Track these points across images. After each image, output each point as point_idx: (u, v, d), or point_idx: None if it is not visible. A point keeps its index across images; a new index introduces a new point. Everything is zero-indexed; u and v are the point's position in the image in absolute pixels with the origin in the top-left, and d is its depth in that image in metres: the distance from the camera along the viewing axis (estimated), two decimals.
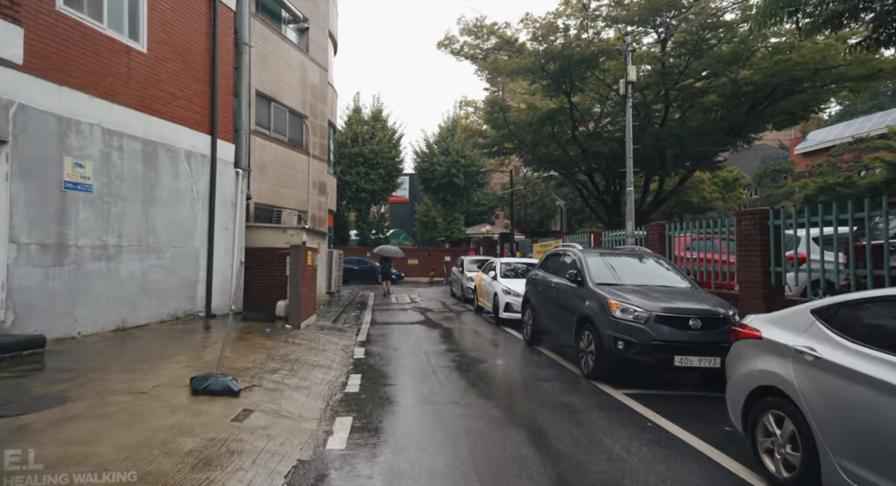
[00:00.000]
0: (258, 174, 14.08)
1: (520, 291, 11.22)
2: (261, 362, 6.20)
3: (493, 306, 12.15)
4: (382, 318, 12.83)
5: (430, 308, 15.17)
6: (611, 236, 12.49)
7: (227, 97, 10.00)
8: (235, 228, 10.20)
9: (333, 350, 7.88)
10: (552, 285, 8.08)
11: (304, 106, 16.59)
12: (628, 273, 7.27)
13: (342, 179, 30.65)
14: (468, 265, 17.79)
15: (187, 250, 8.86)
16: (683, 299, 6.34)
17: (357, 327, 11.02)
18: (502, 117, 19.31)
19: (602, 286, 6.80)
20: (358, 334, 9.88)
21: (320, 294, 14.14)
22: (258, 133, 14.16)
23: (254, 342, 7.26)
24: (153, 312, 8.05)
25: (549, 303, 8.16)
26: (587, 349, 6.53)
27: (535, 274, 9.13)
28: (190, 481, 3.08)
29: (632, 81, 10.47)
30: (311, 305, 10.24)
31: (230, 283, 9.90)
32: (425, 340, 9.45)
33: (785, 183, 35.56)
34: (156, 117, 8.10)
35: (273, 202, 14.78)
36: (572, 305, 7.17)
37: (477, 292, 14.17)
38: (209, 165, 9.34)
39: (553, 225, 44.10)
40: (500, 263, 13.04)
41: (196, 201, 9.06)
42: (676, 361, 5.72)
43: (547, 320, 8.25)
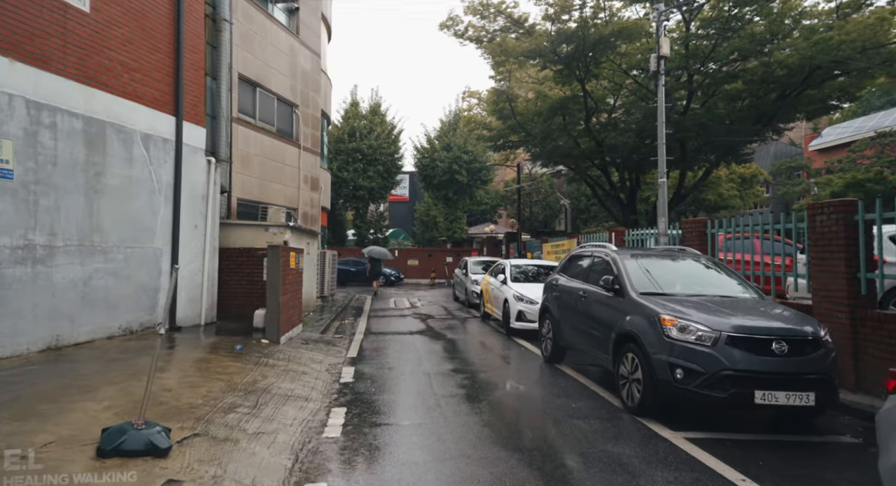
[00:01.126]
0: (242, 167, 12.73)
1: (534, 297, 9.87)
2: (216, 395, 4.84)
3: (502, 314, 10.79)
4: (379, 326, 11.47)
5: (432, 314, 13.81)
6: (634, 236, 11.12)
7: (197, 74, 8.64)
8: (207, 225, 8.86)
9: (316, 372, 6.51)
10: (579, 293, 6.72)
11: (293, 93, 15.23)
12: (677, 280, 5.90)
13: (339, 176, 29.31)
14: (472, 267, 16.43)
15: (145, 251, 7.50)
16: (758, 315, 4.97)
17: (349, 338, 9.66)
18: (509, 108, 17.92)
19: (648, 297, 5.43)
20: (349, 349, 8.52)
21: (310, 300, 12.79)
22: (242, 121, 12.80)
23: (215, 365, 5.89)
24: (99, 325, 6.68)
25: (575, 314, 6.79)
26: (631, 376, 5.16)
27: (556, 280, 7.76)
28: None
29: (664, 56, 9.12)
30: (295, 314, 8.88)
31: (200, 290, 8.55)
32: (426, 355, 8.09)
33: (800, 180, 34.23)
34: (102, 91, 6.73)
35: (259, 198, 13.43)
36: (608, 319, 5.81)
37: (484, 297, 12.81)
38: (173, 150, 7.97)
39: (557, 225, 42.76)
40: (510, 265, 11.67)
41: (156, 193, 7.70)
42: (758, 397, 4.35)
43: (572, 335, 6.88)
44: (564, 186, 39.88)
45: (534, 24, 15.29)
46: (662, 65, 9.19)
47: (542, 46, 14.20)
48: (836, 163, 27.49)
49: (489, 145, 20.28)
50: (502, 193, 37.14)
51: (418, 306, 15.94)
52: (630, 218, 17.54)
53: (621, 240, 11.33)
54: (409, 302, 17.27)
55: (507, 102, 17.92)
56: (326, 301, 15.75)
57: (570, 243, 14.51)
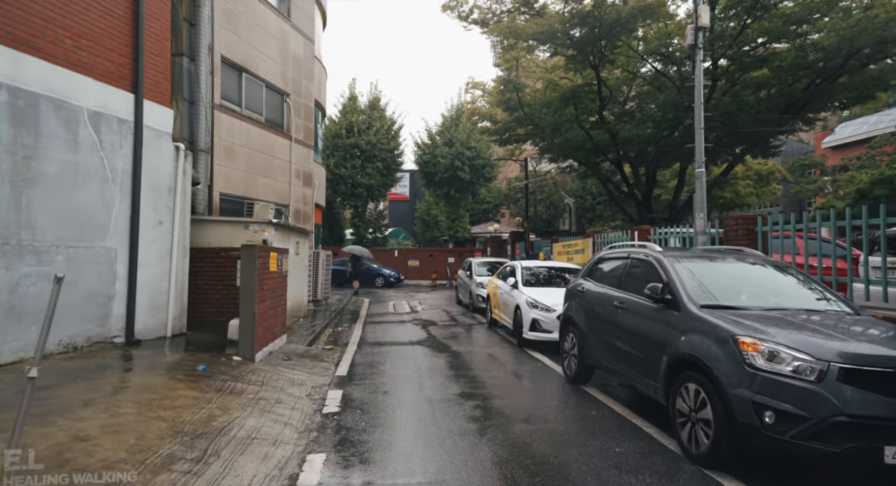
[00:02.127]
0: (226, 159, 11.57)
1: (549, 304, 8.70)
2: (151, 443, 3.65)
3: (513, 322, 9.61)
4: (375, 335, 10.29)
5: (434, 321, 12.62)
6: (660, 235, 9.93)
7: (162, 46, 7.45)
8: (175, 221, 7.68)
9: (294, 400, 5.33)
10: (613, 302, 5.53)
11: (284, 81, 14.06)
12: (743, 288, 4.72)
13: (336, 173, 28.14)
14: (477, 269, 15.24)
15: (94, 251, 6.32)
16: (872, 338, 3.78)
17: (340, 350, 8.49)
18: (516, 98, 16.73)
19: (712, 310, 4.25)
20: (338, 365, 7.34)
21: (300, 305, 11.61)
22: (226, 109, 11.64)
23: (162, 396, 4.70)
24: (30, 341, 5.49)
25: (608, 328, 5.61)
26: (695, 415, 3.98)
27: (581, 286, 6.58)
28: None
29: (703, 27, 7.94)
30: (277, 323, 7.71)
31: (166, 296, 7.37)
32: (428, 373, 6.90)
33: (815, 178, 33.05)
34: (36, 57, 5.55)
35: (245, 193, 12.26)
36: (657, 336, 4.62)
37: (491, 302, 11.62)
38: (131, 134, 6.79)
39: (562, 224, 41.59)
40: (521, 267, 10.48)
41: (110, 183, 6.52)
42: (888, 454, 3.16)
43: (604, 353, 5.69)
44: (569, 185, 38.73)
45: (545, 5, 14.11)
46: (701, 37, 8.01)
47: (554, 28, 13.01)
48: (854, 160, 26.36)
49: (494, 139, 19.08)
50: (504, 191, 35.97)
51: (419, 311, 14.76)
52: (646, 216, 16.36)
53: (645, 239, 10.14)
54: (410, 306, 16.09)
55: (513, 92, 16.73)
56: (319, 306, 14.58)
57: (583, 243, 13.32)
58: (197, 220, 8.61)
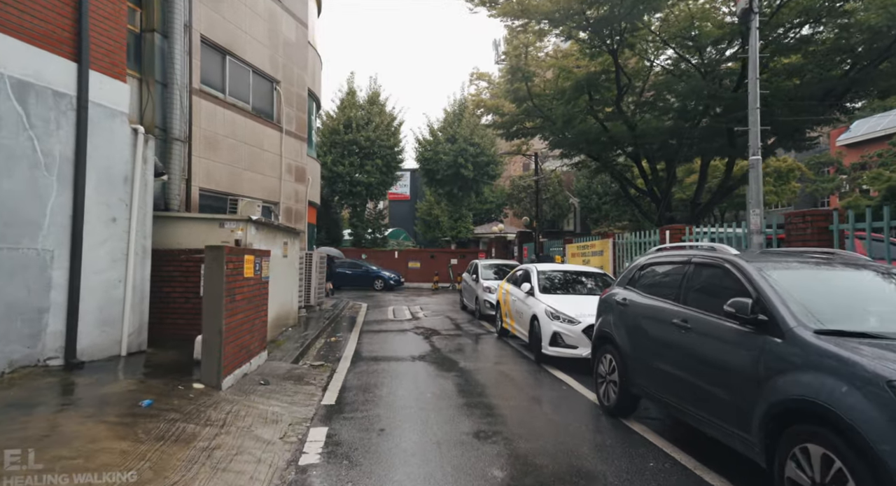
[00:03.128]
0: (206, 150, 10.38)
1: (573, 314, 7.50)
2: None
3: (529, 335, 8.41)
4: (371, 347, 9.09)
5: (437, 330, 11.42)
6: (697, 235, 8.72)
7: (116, 8, 6.23)
8: (133, 218, 6.46)
9: (263, 446, 4.11)
10: (672, 319, 4.31)
11: (274, 66, 12.86)
12: (871, 307, 3.50)
13: (333, 171, 26.95)
14: (484, 272, 14.03)
15: (21, 254, 5.11)
16: None
17: (330, 368, 7.29)
18: (525, 88, 15.52)
19: (836, 339, 3.03)
20: (326, 389, 6.13)
21: (288, 313, 10.41)
22: (206, 95, 10.45)
23: (76, 452, 3.46)
24: None
25: (663, 351, 4.40)
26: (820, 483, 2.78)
27: (620, 296, 5.38)
28: None
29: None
30: (255, 339, 6.51)
31: (121, 306, 6.17)
32: (434, 401, 5.68)
33: (832, 176, 31.87)
34: None
35: (229, 189, 11.07)
36: (745, 370, 3.41)
37: (501, 309, 10.42)
38: (73, 111, 5.58)
39: (566, 224, 40.42)
40: (537, 271, 9.26)
41: (43, 170, 5.31)
42: None
43: (658, 383, 4.48)
44: (574, 184, 37.53)
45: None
46: (756, 0, 6.81)
47: (570, 7, 11.80)
48: (875, 157, 25.21)
49: (500, 133, 17.86)
50: (507, 191, 34.76)
51: (421, 318, 13.55)
52: (665, 215, 15.14)
53: (679, 239, 8.93)
54: (410, 311, 14.88)
55: (522, 82, 15.52)
56: (313, 312, 13.37)
57: (601, 244, 12.10)
58: (163, 217, 7.42)
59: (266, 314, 7.17)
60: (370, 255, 26.82)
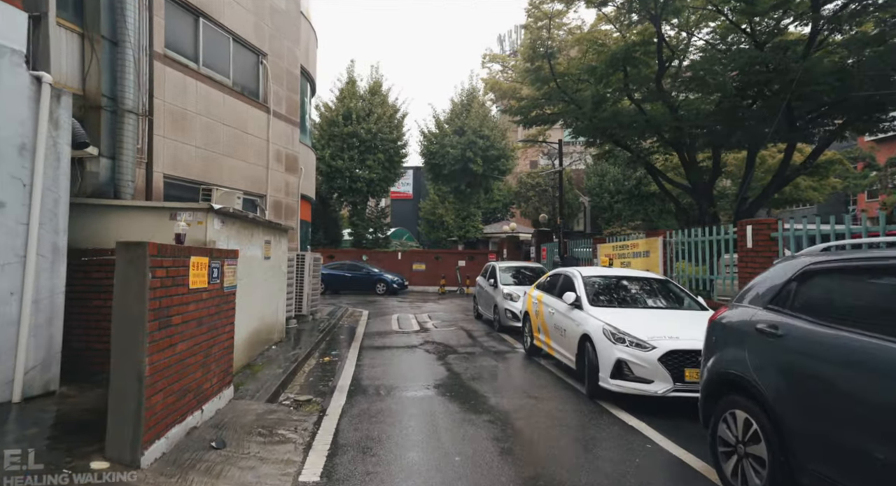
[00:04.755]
0: (172, 129, 8.51)
1: (645, 337, 5.61)
2: None
3: (576, 360, 6.51)
4: (374, 373, 7.19)
5: (451, 345, 9.53)
6: (795, 231, 6.80)
7: None
8: (33, 204, 4.59)
9: None
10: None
11: (259, 36, 10.99)
12: None
13: (332, 166, 25.07)
14: (503, 276, 12.14)
15: None
16: None
17: (319, 408, 5.41)
18: (547, 67, 13.63)
19: None
20: (309, 451, 4.24)
21: (272, 327, 8.53)
22: (173, 62, 8.57)
23: None
24: None
25: (889, 428, 2.50)
26: None
27: (764, 321, 3.46)
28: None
29: None
30: (212, 375, 4.64)
31: (15, 328, 4.29)
32: (468, 478, 3.77)
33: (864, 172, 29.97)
34: None
35: (202, 177, 9.18)
36: None
37: (532, 323, 8.51)
38: None
39: (576, 224, 38.56)
40: (582, 277, 7.35)
41: None
42: None
43: (870, 480, 2.58)
44: (584, 183, 35.65)
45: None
46: None
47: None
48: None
49: (518, 120, 15.95)
50: (515, 189, 32.85)
51: (430, 329, 11.65)
52: (708, 211, 13.24)
53: (767, 236, 7.03)
54: (418, 321, 12.98)
55: (545, 59, 13.62)
56: (305, 323, 11.48)
57: (647, 244, 10.17)
58: (91, 205, 5.54)
59: (231, 337, 5.28)
60: (371, 256, 24.95)
